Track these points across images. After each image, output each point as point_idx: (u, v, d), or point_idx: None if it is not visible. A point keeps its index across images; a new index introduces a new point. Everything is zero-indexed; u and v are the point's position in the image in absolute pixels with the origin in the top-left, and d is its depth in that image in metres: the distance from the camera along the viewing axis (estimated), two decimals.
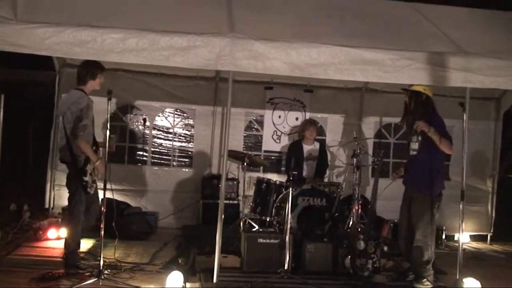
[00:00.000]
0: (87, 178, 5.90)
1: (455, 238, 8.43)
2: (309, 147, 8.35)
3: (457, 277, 5.84)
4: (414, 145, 6.17)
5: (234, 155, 8.01)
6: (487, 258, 8.07)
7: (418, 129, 5.97)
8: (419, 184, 6.09)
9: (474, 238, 9.18)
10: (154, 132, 9.04)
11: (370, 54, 5.70)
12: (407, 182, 6.31)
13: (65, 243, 6.08)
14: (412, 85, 6.11)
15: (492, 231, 9.26)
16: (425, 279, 6.02)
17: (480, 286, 5.82)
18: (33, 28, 5.22)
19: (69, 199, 6.07)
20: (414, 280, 6.10)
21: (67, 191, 8.18)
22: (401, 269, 6.49)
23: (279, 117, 9.32)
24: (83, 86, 6.00)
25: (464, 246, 6.40)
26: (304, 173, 8.18)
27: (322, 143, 8.69)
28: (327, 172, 8.71)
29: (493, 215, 9.33)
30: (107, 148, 5.63)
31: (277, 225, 7.23)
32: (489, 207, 9.34)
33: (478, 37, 6.55)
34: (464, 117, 5.86)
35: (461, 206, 5.87)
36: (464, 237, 6.60)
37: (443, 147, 5.96)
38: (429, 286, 6.02)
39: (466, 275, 5.87)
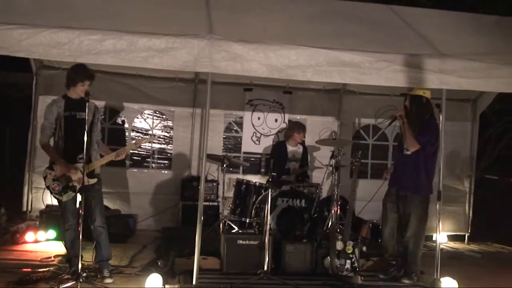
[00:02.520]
0: (47, 184, 5.76)
1: (433, 238, 8.50)
2: (293, 149, 8.39)
3: (435, 277, 5.89)
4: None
5: (213, 157, 8.00)
6: (465, 258, 8.16)
7: (396, 114, 6.25)
8: (416, 185, 6.24)
9: (451, 238, 9.27)
10: (133, 134, 9.00)
11: (348, 56, 5.73)
12: (398, 182, 6.39)
13: None
14: (412, 89, 6.23)
15: (469, 231, 9.36)
16: (414, 274, 6.26)
17: (457, 286, 5.88)
18: (9, 29, 5.17)
19: None
20: (404, 276, 6.28)
21: (44, 193, 8.13)
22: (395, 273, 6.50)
23: (259, 118, 9.33)
24: (67, 91, 5.90)
25: (441, 246, 6.47)
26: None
27: (306, 146, 8.70)
28: (309, 173, 8.75)
29: (470, 215, 9.43)
30: (84, 150, 5.53)
31: (257, 227, 7.24)
32: (467, 207, 9.44)
33: (454, 40, 6.63)
34: (441, 118, 5.92)
35: (438, 206, 5.93)
36: (441, 237, 6.66)
37: (407, 141, 6.20)
38: (415, 280, 6.26)
39: (444, 275, 5.93)
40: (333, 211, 7.33)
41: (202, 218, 5.73)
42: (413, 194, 6.28)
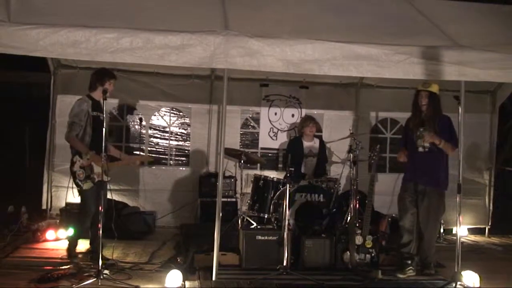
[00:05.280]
0: (74, 169, 6.14)
1: (453, 232, 8.44)
2: (309, 144, 8.33)
3: (456, 270, 5.85)
4: (423, 142, 6.30)
5: (230, 153, 8.00)
6: (485, 251, 8.09)
7: (427, 142, 6.20)
8: (436, 180, 6.27)
9: (472, 231, 9.19)
10: (150, 131, 9.04)
11: (365, 49, 5.69)
12: (416, 177, 6.36)
13: None
14: (427, 83, 6.21)
15: (489, 224, 9.29)
16: (431, 264, 6.33)
17: (478, 279, 5.83)
18: (26, 29, 5.20)
19: None
20: (424, 268, 6.32)
21: (64, 192, 8.23)
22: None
23: (275, 114, 9.32)
24: (92, 92, 6.37)
25: (462, 239, 6.39)
26: (303, 170, 8.17)
27: (322, 139, 8.67)
28: (326, 167, 8.72)
29: (491, 208, 9.35)
30: (103, 148, 5.69)
31: (275, 222, 7.23)
32: (487, 200, 9.37)
33: (472, 31, 6.55)
34: (460, 111, 5.87)
35: (458, 199, 5.88)
36: (462, 231, 6.60)
37: (451, 152, 6.24)
38: (433, 271, 6.31)
39: (464, 268, 5.88)
40: (351, 205, 7.30)
41: (221, 214, 5.74)
42: (432, 188, 6.28)
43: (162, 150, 9.08)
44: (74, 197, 6.39)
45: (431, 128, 6.22)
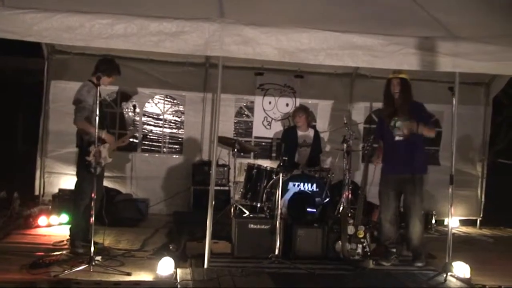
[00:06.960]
0: (90, 158, 6.05)
1: (445, 223, 8.48)
2: (303, 133, 8.33)
3: (447, 261, 5.88)
4: (400, 131, 6.29)
5: (224, 141, 8.00)
6: (477, 243, 8.13)
7: (406, 131, 6.20)
8: (416, 166, 6.24)
9: (463, 222, 9.25)
10: (144, 118, 9.03)
11: (360, 39, 5.68)
12: (397, 167, 6.35)
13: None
14: (397, 71, 6.23)
15: (481, 215, 9.35)
16: (422, 255, 6.33)
17: (469, 270, 5.86)
18: (21, 14, 5.16)
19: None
20: (416, 260, 6.32)
21: (57, 178, 8.18)
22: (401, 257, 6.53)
23: (270, 103, 9.31)
24: (93, 78, 6.17)
25: (453, 231, 6.44)
26: (297, 159, 8.17)
27: (316, 129, 8.67)
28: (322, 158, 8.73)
29: (483, 199, 9.41)
30: (96, 132, 5.72)
31: (268, 211, 7.24)
32: (479, 192, 9.42)
33: (468, 22, 6.53)
34: (454, 102, 5.88)
35: (450, 190, 5.89)
36: (453, 222, 6.66)
37: (431, 134, 6.28)
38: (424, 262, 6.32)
39: (455, 259, 5.91)
40: (344, 195, 7.31)
41: (213, 202, 5.75)
42: (414, 174, 6.24)
43: (156, 137, 9.07)
44: None
45: (405, 116, 6.22)
